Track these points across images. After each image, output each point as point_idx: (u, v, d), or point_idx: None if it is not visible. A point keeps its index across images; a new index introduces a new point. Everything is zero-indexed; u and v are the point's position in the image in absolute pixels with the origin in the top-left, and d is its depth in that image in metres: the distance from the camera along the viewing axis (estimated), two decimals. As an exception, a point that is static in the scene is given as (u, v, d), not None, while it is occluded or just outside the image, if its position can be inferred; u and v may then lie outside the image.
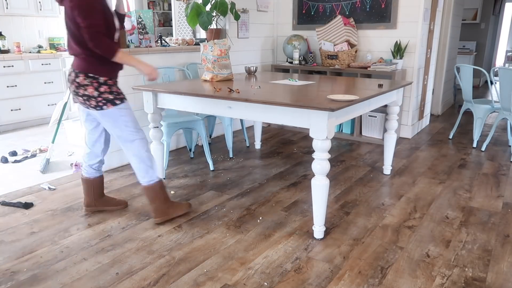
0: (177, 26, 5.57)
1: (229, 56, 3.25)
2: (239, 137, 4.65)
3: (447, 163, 3.76)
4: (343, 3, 4.71)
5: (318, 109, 2.12)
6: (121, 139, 2.46)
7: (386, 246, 2.31)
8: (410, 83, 3.22)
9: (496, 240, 2.38)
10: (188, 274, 2.05)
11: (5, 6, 4.99)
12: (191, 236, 2.43)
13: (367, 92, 2.64)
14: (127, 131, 2.45)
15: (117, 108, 2.40)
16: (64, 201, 2.91)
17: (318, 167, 2.27)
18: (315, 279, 2.01)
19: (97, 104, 2.36)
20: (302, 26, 5.10)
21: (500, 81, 3.81)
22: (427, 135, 4.75)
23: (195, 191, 3.11)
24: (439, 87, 5.80)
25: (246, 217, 2.68)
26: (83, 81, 2.32)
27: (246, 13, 4.75)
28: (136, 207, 2.82)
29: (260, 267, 2.11)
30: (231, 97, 2.46)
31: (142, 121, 3.73)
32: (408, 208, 2.82)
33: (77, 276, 2.03)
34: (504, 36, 10.73)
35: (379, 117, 4.40)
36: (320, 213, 2.35)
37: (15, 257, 2.20)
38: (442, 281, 2.00)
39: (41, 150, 4.10)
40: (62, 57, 5.33)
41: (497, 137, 4.63)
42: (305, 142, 4.47)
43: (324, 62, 4.70)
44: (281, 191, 3.11)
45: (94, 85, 2.33)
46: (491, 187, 3.19)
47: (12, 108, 4.95)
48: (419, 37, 4.31)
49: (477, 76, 8.75)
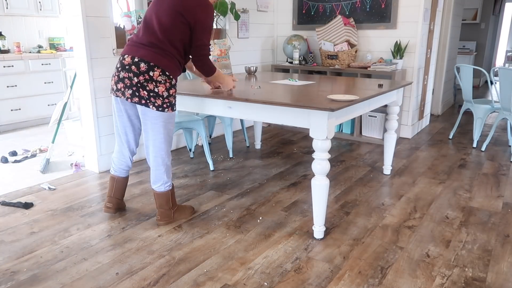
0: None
1: (229, 56, 3.25)
2: (239, 137, 4.65)
3: (447, 163, 3.76)
4: (343, 3, 4.71)
5: (318, 109, 2.12)
6: (156, 141, 2.38)
7: (386, 246, 2.31)
8: (410, 83, 3.22)
9: (496, 240, 2.38)
10: (188, 274, 2.05)
11: (5, 6, 4.99)
12: (191, 236, 2.43)
13: (367, 92, 2.64)
14: (166, 137, 2.40)
15: (173, 114, 2.37)
16: (64, 201, 2.91)
17: (318, 167, 2.27)
18: (315, 279, 2.01)
19: (161, 105, 2.26)
20: (302, 26, 5.10)
21: (500, 81, 3.81)
22: (427, 135, 4.75)
23: (195, 191, 3.11)
24: (439, 87, 5.80)
25: (246, 217, 2.68)
26: (157, 77, 2.22)
27: (246, 13, 4.75)
28: (136, 207, 2.82)
29: (260, 267, 2.11)
30: (231, 97, 2.46)
31: (142, 121, 3.74)
32: (408, 208, 2.82)
33: (77, 276, 2.03)
34: (504, 36, 10.73)
35: (379, 117, 4.41)
36: (320, 213, 2.35)
37: (15, 257, 2.20)
38: (442, 281, 2.00)
39: (41, 150, 4.10)
40: (62, 57, 5.33)
41: (497, 137, 4.63)
42: (305, 142, 4.47)
43: (324, 62, 4.70)
44: (281, 191, 3.11)
45: (166, 84, 2.25)
46: (491, 187, 3.19)
47: (12, 108, 4.95)
48: (419, 37, 4.31)
49: (477, 76, 8.76)
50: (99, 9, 3.22)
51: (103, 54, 3.33)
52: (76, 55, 3.31)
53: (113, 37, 3.37)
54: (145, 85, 2.21)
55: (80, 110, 3.50)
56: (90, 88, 3.30)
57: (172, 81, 2.28)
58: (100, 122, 3.42)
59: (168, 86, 2.26)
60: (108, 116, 3.46)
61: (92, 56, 3.25)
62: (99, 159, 3.47)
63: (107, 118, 3.46)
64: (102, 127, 3.44)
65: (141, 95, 2.23)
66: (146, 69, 2.20)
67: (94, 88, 3.32)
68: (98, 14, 3.23)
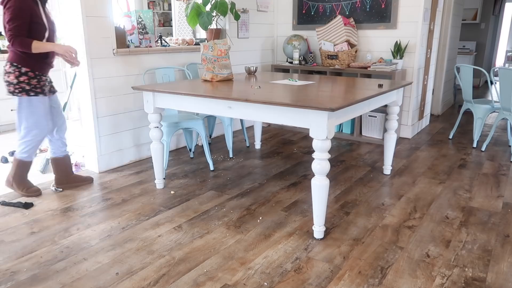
0: (177, 26, 5.58)
1: (229, 56, 3.25)
2: (239, 137, 4.65)
3: (447, 163, 3.76)
4: (343, 3, 4.71)
5: (318, 109, 2.12)
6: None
7: (386, 246, 2.31)
8: (410, 83, 3.22)
9: (496, 240, 2.38)
10: (188, 274, 2.05)
11: (5, 6, 4.99)
12: (191, 236, 2.43)
13: (367, 92, 2.64)
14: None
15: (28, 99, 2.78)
16: (64, 201, 2.91)
17: (318, 167, 2.27)
18: (315, 279, 2.01)
19: (14, 91, 2.75)
20: (302, 26, 5.10)
21: (500, 81, 3.81)
22: (427, 135, 4.75)
23: (195, 191, 3.11)
24: (439, 87, 5.80)
25: (246, 217, 2.68)
26: (8, 69, 2.71)
27: (246, 13, 4.75)
28: (136, 207, 2.82)
29: (260, 267, 2.11)
30: (231, 97, 2.46)
31: (142, 121, 3.74)
32: (408, 208, 2.82)
33: (77, 276, 2.03)
34: (504, 36, 10.73)
35: (379, 117, 4.41)
36: (320, 213, 2.35)
37: (15, 257, 2.20)
38: (442, 281, 2.00)
39: (41, 150, 4.10)
40: (62, 57, 5.32)
41: (497, 137, 4.63)
42: (305, 142, 4.47)
43: (324, 62, 4.70)
44: (281, 191, 3.11)
45: (15, 73, 2.72)
46: (491, 187, 3.19)
47: (12, 108, 4.94)
48: (419, 37, 4.31)
49: (477, 76, 8.76)
50: (99, 9, 3.22)
51: (103, 54, 3.33)
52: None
53: (113, 37, 3.37)
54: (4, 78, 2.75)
55: (80, 110, 3.50)
56: (90, 88, 3.30)
57: (21, 69, 2.73)
58: (100, 122, 3.42)
59: (17, 75, 2.73)
60: (108, 116, 3.46)
61: (92, 56, 3.25)
62: (99, 159, 3.47)
63: (107, 118, 3.46)
64: (102, 127, 3.44)
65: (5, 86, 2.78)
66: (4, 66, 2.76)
67: (94, 88, 3.32)
68: (98, 14, 3.23)
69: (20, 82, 2.73)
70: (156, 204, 2.87)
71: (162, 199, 2.96)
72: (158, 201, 2.93)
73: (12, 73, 2.72)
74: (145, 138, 3.82)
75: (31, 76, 2.76)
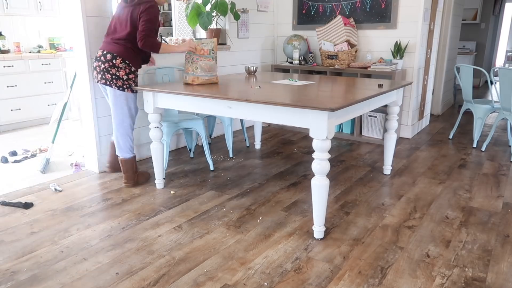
0: (177, 26, 5.57)
1: (214, 57, 3.01)
2: (239, 137, 4.65)
3: (447, 163, 3.76)
4: (343, 3, 4.71)
5: (318, 109, 2.12)
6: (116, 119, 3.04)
7: (386, 246, 2.31)
8: (410, 83, 3.22)
9: (496, 240, 2.38)
10: (188, 274, 2.05)
11: (5, 6, 4.99)
12: (191, 236, 2.43)
13: (367, 92, 2.64)
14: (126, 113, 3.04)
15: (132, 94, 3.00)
16: (64, 201, 2.91)
17: (318, 167, 2.27)
18: (315, 279, 2.01)
19: (121, 85, 2.91)
20: (302, 26, 5.10)
21: (500, 81, 3.81)
22: (427, 135, 4.75)
23: (195, 191, 3.11)
24: (439, 87, 5.80)
25: (246, 217, 2.68)
26: (119, 64, 2.87)
27: (246, 13, 4.75)
28: (136, 207, 2.82)
29: (260, 267, 2.11)
30: (231, 97, 2.46)
31: (142, 121, 3.73)
32: (408, 208, 2.82)
33: (77, 276, 2.04)
34: (504, 36, 10.73)
35: (379, 117, 4.41)
36: (320, 213, 2.35)
37: (15, 257, 2.20)
38: (442, 281, 2.00)
39: (41, 150, 4.10)
40: (62, 57, 5.33)
41: (497, 137, 4.63)
42: (305, 142, 4.47)
43: (324, 62, 4.70)
44: (281, 191, 3.11)
45: (126, 70, 2.90)
46: (491, 187, 3.19)
47: (12, 108, 4.95)
48: (419, 37, 4.31)
49: (477, 76, 8.75)
50: (99, 9, 3.22)
51: (103, 54, 3.32)
52: (76, 55, 3.31)
53: (113, 37, 3.37)
54: (109, 70, 2.88)
55: (80, 110, 3.50)
56: (90, 88, 3.30)
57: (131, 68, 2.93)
58: (100, 122, 3.42)
59: (127, 72, 2.91)
60: (108, 116, 3.46)
61: (92, 56, 3.25)
62: (99, 159, 3.46)
63: (107, 118, 3.45)
64: (102, 127, 3.44)
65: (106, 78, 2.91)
66: (110, 58, 2.87)
67: (94, 88, 3.32)
68: (98, 14, 3.23)
69: (129, 79, 2.92)
70: (156, 204, 2.87)
71: (162, 199, 2.96)
72: (158, 201, 2.93)
73: (123, 69, 2.88)
74: (145, 138, 3.82)
75: (136, 75, 3.00)
